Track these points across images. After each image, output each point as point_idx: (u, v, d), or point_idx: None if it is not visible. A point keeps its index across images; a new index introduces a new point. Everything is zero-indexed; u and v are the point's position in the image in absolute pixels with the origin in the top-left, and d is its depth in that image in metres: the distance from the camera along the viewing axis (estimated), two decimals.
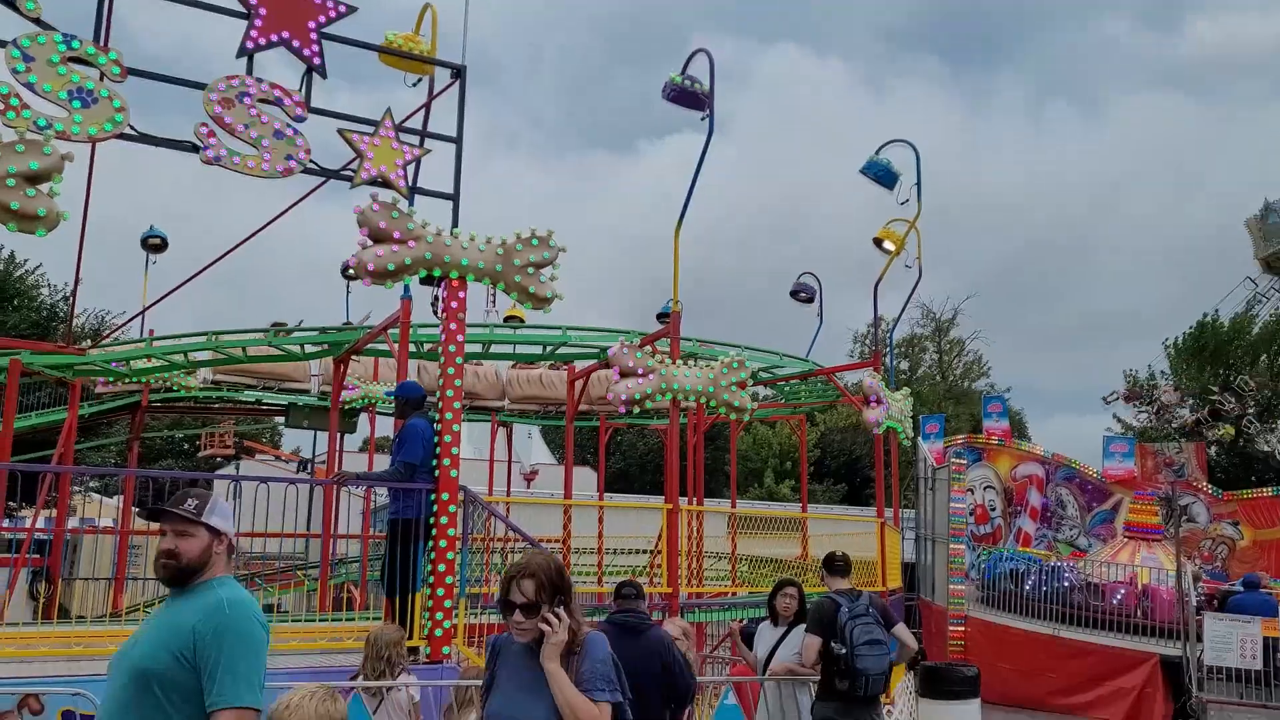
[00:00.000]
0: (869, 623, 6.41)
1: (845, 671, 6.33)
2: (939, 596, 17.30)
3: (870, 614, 6.43)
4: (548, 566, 3.18)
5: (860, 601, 6.51)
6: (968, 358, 47.35)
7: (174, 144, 7.00)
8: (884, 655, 6.38)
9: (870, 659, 6.32)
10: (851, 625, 6.37)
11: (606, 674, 3.13)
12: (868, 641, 6.34)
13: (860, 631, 6.36)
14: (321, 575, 10.30)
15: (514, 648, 3.18)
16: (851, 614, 6.41)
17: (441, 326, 7.68)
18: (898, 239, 14.54)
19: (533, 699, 3.04)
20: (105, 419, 19.80)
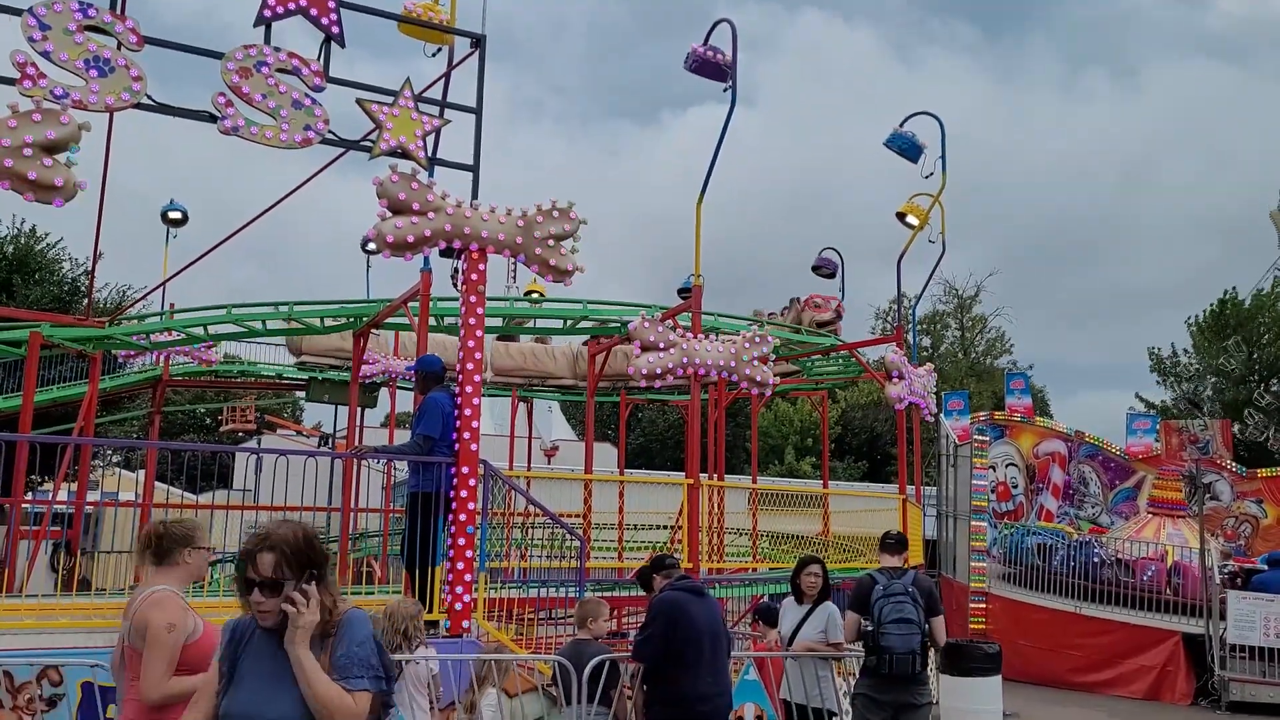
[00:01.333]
0: (901, 601, 6.35)
1: (873, 648, 6.31)
2: (960, 573, 17.20)
3: (908, 593, 6.37)
4: (292, 536, 2.76)
5: (901, 580, 6.45)
6: (990, 334, 46.92)
7: (191, 114, 6.93)
8: (912, 635, 6.30)
9: (896, 637, 6.26)
10: (883, 603, 6.34)
11: (366, 659, 2.71)
12: (896, 620, 6.29)
13: (890, 610, 6.32)
14: (341, 549, 10.32)
15: (258, 633, 2.73)
16: (886, 591, 6.38)
17: (461, 299, 7.60)
18: (921, 213, 14.30)
19: (276, 691, 2.63)
20: (127, 393, 19.94)
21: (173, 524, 3.97)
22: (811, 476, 36.04)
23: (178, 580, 3.86)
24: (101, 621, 6.04)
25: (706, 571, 11.18)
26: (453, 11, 8.84)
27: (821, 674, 6.94)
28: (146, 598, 3.70)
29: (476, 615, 7.31)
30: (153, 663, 3.58)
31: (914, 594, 6.42)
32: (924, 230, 14.40)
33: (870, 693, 6.38)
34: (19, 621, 5.88)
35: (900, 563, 6.70)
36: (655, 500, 18.10)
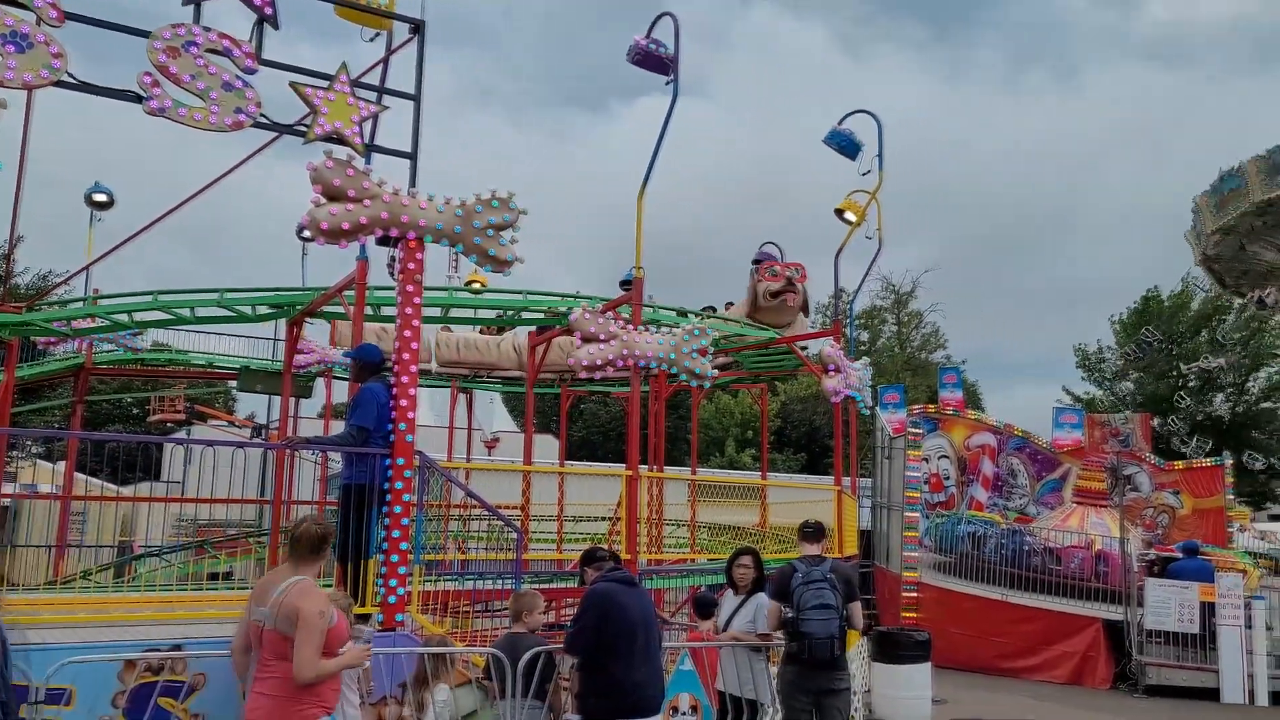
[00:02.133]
0: (821, 588, 6.50)
1: (794, 634, 6.44)
2: (894, 563, 17.55)
3: (827, 580, 6.51)
4: None
5: (820, 568, 6.59)
6: (926, 330, 47.89)
7: (115, 93, 6.70)
8: (830, 620, 6.46)
9: (816, 623, 6.42)
10: (802, 590, 6.50)
11: None
12: (815, 606, 6.45)
13: (809, 596, 6.47)
14: (272, 542, 10.11)
15: None
16: (806, 579, 6.52)
17: (398, 289, 7.49)
18: (859, 210, 14.50)
19: None
20: (48, 381, 19.26)
21: (317, 524, 4.59)
22: (752, 468, 36.42)
23: (313, 573, 4.43)
24: (17, 618, 5.83)
25: (645, 563, 11.22)
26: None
27: (756, 665, 7.01)
28: (293, 587, 4.23)
29: (411, 609, 7.23)
30: (305, 645, 4.13)
31: (833, 580, 6.57)
32: (861, 227, 14.60)
33: (793, 679, 6.51)
34: None
35: (820, 550, 6.83)
36: (595, 492, 18.10)
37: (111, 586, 13.17)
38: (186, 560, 16.60)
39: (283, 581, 4.34)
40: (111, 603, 6.33)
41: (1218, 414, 38.92)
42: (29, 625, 5.65)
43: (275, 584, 4.39)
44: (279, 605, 4.23)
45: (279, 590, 4.29)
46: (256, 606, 4.42)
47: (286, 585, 4.29)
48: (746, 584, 7.25)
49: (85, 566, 16.15)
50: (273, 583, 4.43)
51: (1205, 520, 20.16)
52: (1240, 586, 13.90)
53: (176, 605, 6.44)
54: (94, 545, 18.02)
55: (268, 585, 4.46)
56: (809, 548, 6.83)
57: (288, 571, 4.46)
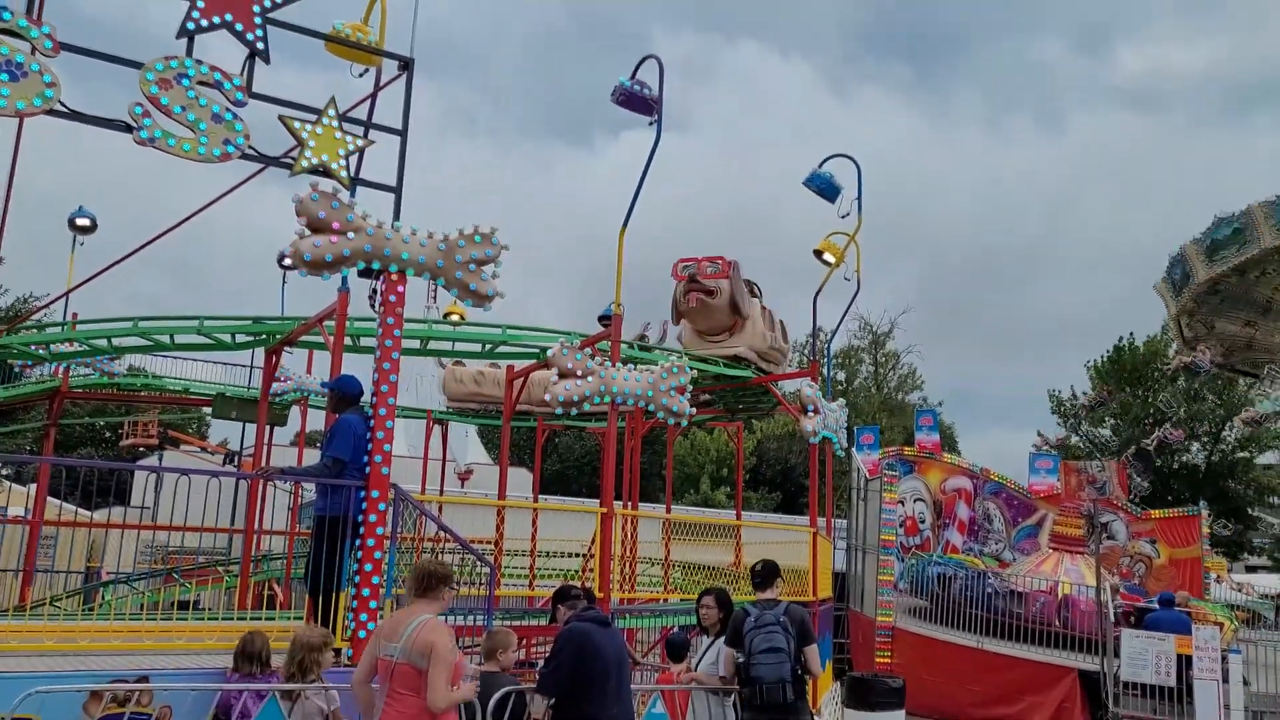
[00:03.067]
0: (772, 631, 6.46)
1: (745, 679, 6.42)
2: (868, 607, 17.55)
3: (779, 624, 6.46)
4: None
5: (772, 611, 6.55)
6: (902, 370, 48.25)
7: (106, 123, 6.75)
8: (782, 663, 6.39)
9: (765, 666, 6.38)
10: (754, 634, 6.46)
11: None
12: (765, 649, 6.41)
13: (760, 640, 6.44)
14: (243, 572, 10.04)
15: None
16: (758, 623, 6.48)
17: (379, 321, 7.53)
18: (837, 251, 14.72)
19: None
20: (21, 404, 19.08)
21: (439, 565, 5.18)
22: (726, 506, 36.37)
23: (437, 610, 4.96)
24: None
25: (618, 601, 11.19)
26: (381, 34, 8.81)
27: (725, 709, 6.99)
28: (425, 624, 4.75)
29: None
30: (439, 677, 4.62)
31: (785, 624, 6.50)
32: (840, 268, 14.80)
33: None
34: None
35: (774, 594, 6.78)
36: (569, 527, 18.04)
37: (78, 614, 12.97)
38: (154, 588, 16.38)
39: (410, 619, 4.80)
40: (79, 631, 6.26)
41: (1194, 463, 39.32)
42: None
43: (405, 621, 4.83)
44: (413, 640, 4.69)
45: (411, 626, 4.75)
46: (386, 642, 4.83)
47: (419, 622, 4.76)
48: (712, 624, 7.24)
49: (52, 592, 15.89)
50: (402, 621, 4.87)
51: (1182, 570, 20.29)
52: (1217, 639, 13.95)
53: (145, 635, 6.37)
54: (61, 571, 17.73)
55: (397, 623, 4.88)
56: (762, 593, 6.79)
57: (415, 609, 4.91)
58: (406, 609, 5.02)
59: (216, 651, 6.24)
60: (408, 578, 5.17)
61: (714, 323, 14.72)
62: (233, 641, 6.16)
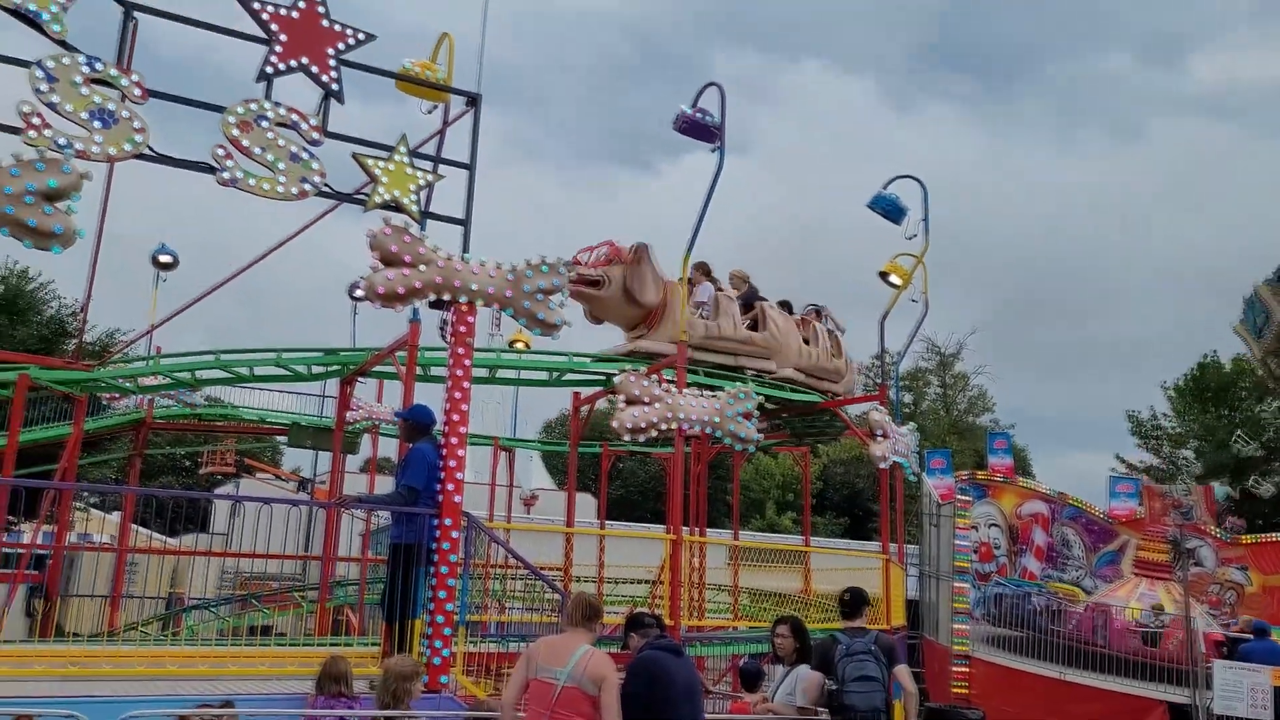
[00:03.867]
0: (864, 660, 6.43)
1: (837, 707, 6.36)
2: (943, 635, 17.14)
3: (870, 652, 6.44)
4: None
5: (862, 640, 6.53)
6: (972, 392, 47.28)
7: (190, 165, 7.05)
8: (875, 692, 6.38)
9: (858, 695, 6.34)
10: (845, 662, 6.43)
11: None
12: (858, 678, 6.38)
13: (852, 668, 6.41)
14: (321, 598, 10.24)
15: None
16: (848, 651, 6.45)
17: (450, 351, 7.68)
18: (904, 273, 14.54)
19: None
20: (109, 434, 19.81)
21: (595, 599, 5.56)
22: (792, 531, 35.96)
23: (591, 640, 5.27)
24: (77, 670, 5.99)
25: (685, 629, 11.14)
26: (450, 70, 9.05)
27: None
28: (595, 653, 5.13)
29: (455, 670, 7.27)
30: (613, 703, 4.99)
31: (875, 652, 6.48)
32: (907, 290, 14.63)
33: None
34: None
35: (862, 622, 6.77)
36: (635, 553, 18.03)
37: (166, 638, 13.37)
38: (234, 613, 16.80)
39: (574, 646, 5.14)
40: (167, 656, 6.47)
41: None
42: (89, 676, 5.81)
43: (565, 647, 5.16)
44: (584, 667, 5.04)
45: (579, 653, 5.09)
46: (547, 665, 5.12)
47: (586, 651, 5.12)
48: (787, 654, 7.17)
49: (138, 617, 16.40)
50: (562, 646, 5.19)
51: (1276, 598, 19.39)
52: None
53: (229, 660, 6.56)
54: (145, 596, 18.30)
55: (558, 649, 5.18)
56: (850, 621, 6.78)
57: (576, 637, 5.23)
58: (564, 636, 5.31)
59: (297, 677, 6.38)
60: (569, 607, 5.46)
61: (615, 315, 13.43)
62: (312, 667, 6.30)
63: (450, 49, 9.27)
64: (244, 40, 7.36)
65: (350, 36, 7.66)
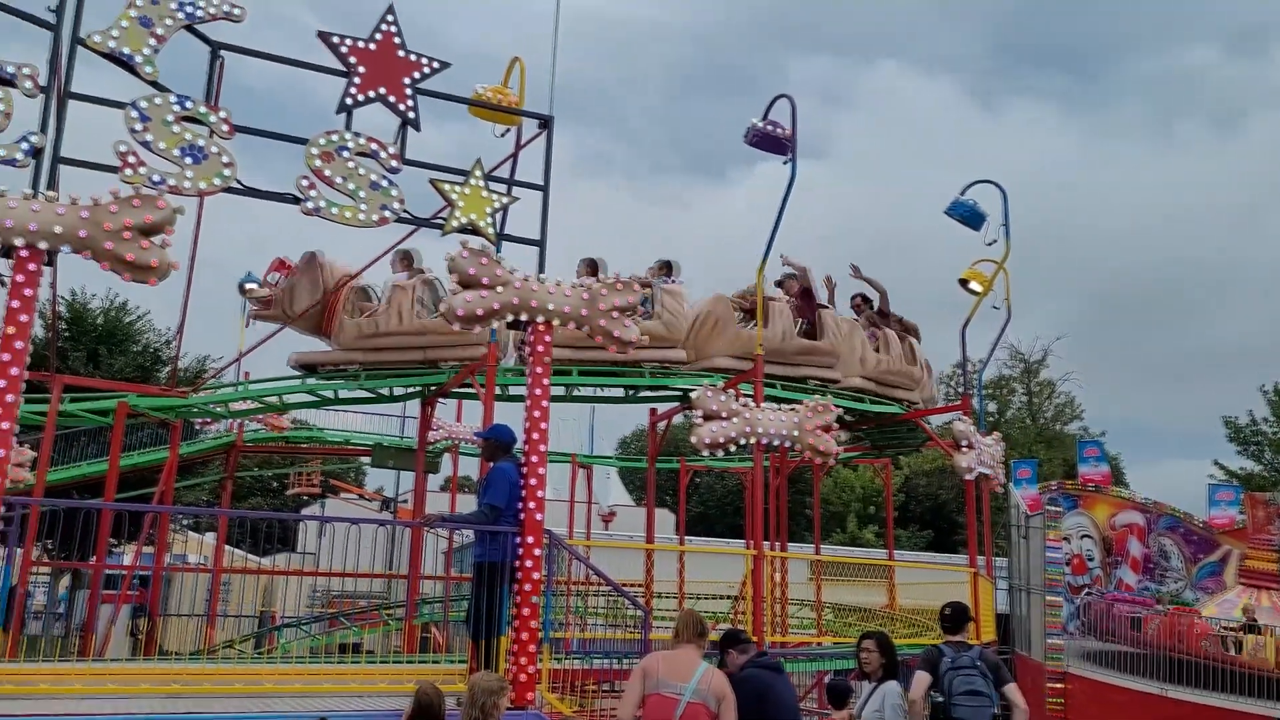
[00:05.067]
0: (971, 674, 6.30)
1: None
2: (1035, 651, 16.61)
3: (976, 667, 6.31)
4: None
5: (967, 654, 6.41)
6: (1059, 399, 45.86)
7: (276, 196, 7.29)
8: (984, 708, 6.26)
9: (967, 709, 6.22)
10: (952, 675, 6.31)
11: None
12: (966, 692, 6.25)
13: (960, 682, 6.27)
14: (408, 616, 10.41)
15: None
16: (954, 664, 6.34)
17: (528, 370, 7.76)
18: (985, 280, 14.19)
19: None
20: (202, 458, 20.54)
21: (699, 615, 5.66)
22: (875, 545, 35.33)
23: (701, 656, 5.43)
24: (180, 688, 6.19)
25: (770, 645, 11.01)
26: (521, 94, 9.20)
27: None
28: (715, 671, 5.34)
29: (541, 687, 7.30)
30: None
31: (982, 668, 6.36)
32: (988, 296, 14.28)
33: None
34: (102, 687, 6.05)
35: (964, 637, 6.64)
36: (714, 569, 17.90)
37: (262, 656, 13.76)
38: (322, 631, 17.20)
39: (694, 663, 5.30)
40: (264, 674, 6.65)
41: None
42: (192, 694, 6.01)
43: (686, 664, 5.30)
44: (708, 684, 5.21)
45: (701, 670, 5.26)
46: (669, 681, 5.24)
47: (707, 669, 5.29)
48: (873, 669, 7.02)
49: (231, 635, 16.90)
50: (683, 662, 5.32)
51: None
52: None
53: (322, 678, 6.71)
54: (238, 615, 18.88)
55: (678, 664, 5.31)
56: (951, 636, 6.64)
57: (691, 653, 5.38)
58: (680, 652, 5.40)
59: (388, 694, 6.49)
60: (681, 624, 5.54)
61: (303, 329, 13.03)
62: (402, 685, 6.41)
63: (521, 73, 9.42)
64: (325, 74, 7.58)
65: (425, 65, 7.83)
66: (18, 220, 6.05)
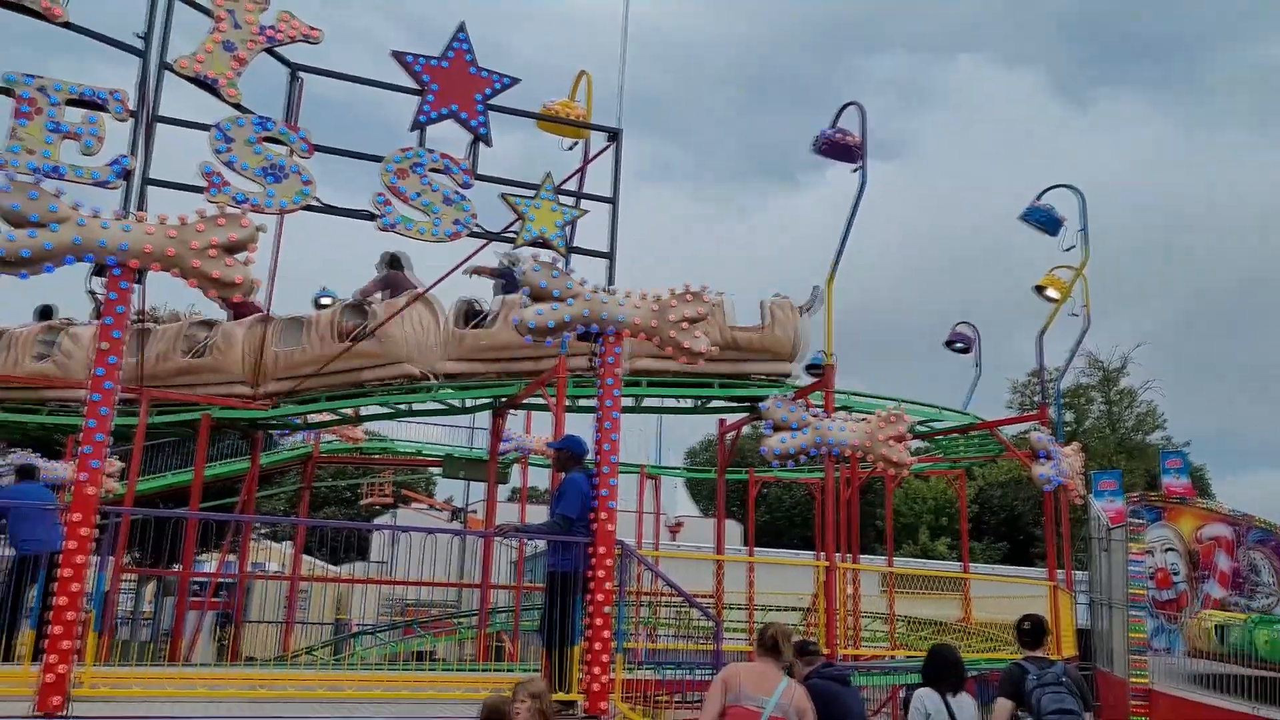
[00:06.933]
0: (1059, 691, 6.09)
1: None
2: (1118, 667, 16.06)
3: (1063, 684, 6.10)
4: None
5: (1052, 670, 6.21)
6: (1140, 409, 44.37)
7: (353, 213, 7.46)
8: None
9: None
10: (1040, 693, 6.10)
11: None
12: (1057, 710, 6.03)
13: (1049, 700, 6.07)
14: (480, 625, 10.53)
15: None
16: (1040, 681, 6.13)
17: (599, 381, 7.80)
18: (1063, 287, 13.85)
19: None
20: (279, 469, 21.08)
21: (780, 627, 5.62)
22: (947, 557, 34.61)
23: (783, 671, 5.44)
24: (265, 692, 6.35)
25: (842, 657, 10.86)
26: (589, 108, 9.29)
27: None
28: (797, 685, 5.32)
29: (614, 697, 7.31)
30: None
31: (1069, 685, 6.15)
32: (1066, 303, 13.93)
33: None
34: (192, 690, 6.25)
35: (1043, 652, 6.45)
36: (783, 580, 17.74)
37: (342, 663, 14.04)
38: (396, 639, 17.49)
39: (776, 676, 5.31)
40: (344, 680, 6.79)
41: None
42: (275, 699, 6.16)
43: (768, 677, 5.30)
44: (791, 698, 5.23)
45: (783, 684, 5.28)
46: (751, 694, 5.23)
47: (791, 682, 5.32)
48: None
49: (308, 642, 17.28)
50: (765, 675, 5.32)
51: None
52: None
53: (400, 685, 6.83)
54: (314, 622, 19.29)
55: (761, 678, 5.31)
56: (1030, 651, 6.45)
57: (772, 666, 5.38)
58: (761, 665, 5.40)
59: (464, 702, 6.56)
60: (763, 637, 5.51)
61: None
62: (477, 693, 6.47)
63: (589, 86, 9.51)
64: (399, 91, 7.76)
65: (496, 82, 7.96)
66: (111, 240, 6.32)
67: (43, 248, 6.21)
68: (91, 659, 6.13)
